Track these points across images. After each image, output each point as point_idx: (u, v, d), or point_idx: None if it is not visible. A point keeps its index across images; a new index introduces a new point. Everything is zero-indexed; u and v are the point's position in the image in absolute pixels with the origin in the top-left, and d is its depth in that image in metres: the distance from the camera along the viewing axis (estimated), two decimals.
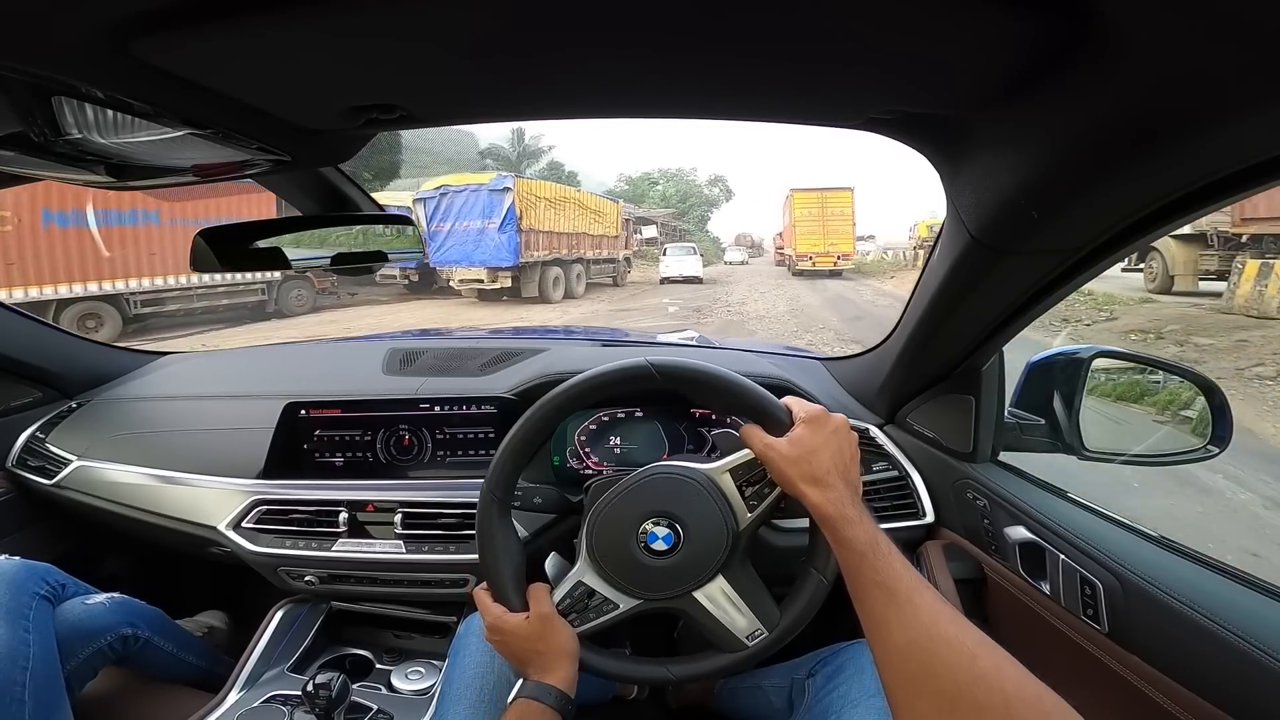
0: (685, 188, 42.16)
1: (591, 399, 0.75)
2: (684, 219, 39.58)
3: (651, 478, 0.74)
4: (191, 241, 0.78)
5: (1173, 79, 0.37)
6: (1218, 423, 0.82)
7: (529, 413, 0.75)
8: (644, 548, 0.72)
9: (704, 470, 0.73)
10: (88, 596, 0.99)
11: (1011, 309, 0.73)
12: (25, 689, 0.80)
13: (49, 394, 1.29)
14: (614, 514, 0.74)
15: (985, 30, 0.38)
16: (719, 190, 44.57)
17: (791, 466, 0.65)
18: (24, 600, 0.86)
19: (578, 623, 0.73)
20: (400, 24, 0.39)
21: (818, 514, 0.63)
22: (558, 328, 7.76)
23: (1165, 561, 0.67)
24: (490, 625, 0.73)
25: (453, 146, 38.76)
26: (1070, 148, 0.47)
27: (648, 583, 0.73)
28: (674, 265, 18.64)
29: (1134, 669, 0.64)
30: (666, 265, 18.83)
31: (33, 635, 0.84)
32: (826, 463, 0.65)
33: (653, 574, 0.72)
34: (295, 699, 0.90)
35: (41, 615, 0.87)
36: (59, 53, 0.39)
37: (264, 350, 1.67)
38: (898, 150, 0.83)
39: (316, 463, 1.10)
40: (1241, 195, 0.45)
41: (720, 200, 44.53)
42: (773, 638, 0.73)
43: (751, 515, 0.72)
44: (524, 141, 31.15)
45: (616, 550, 0.73)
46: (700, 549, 0.72)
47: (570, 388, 0.74)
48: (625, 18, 0.39)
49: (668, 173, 43.82)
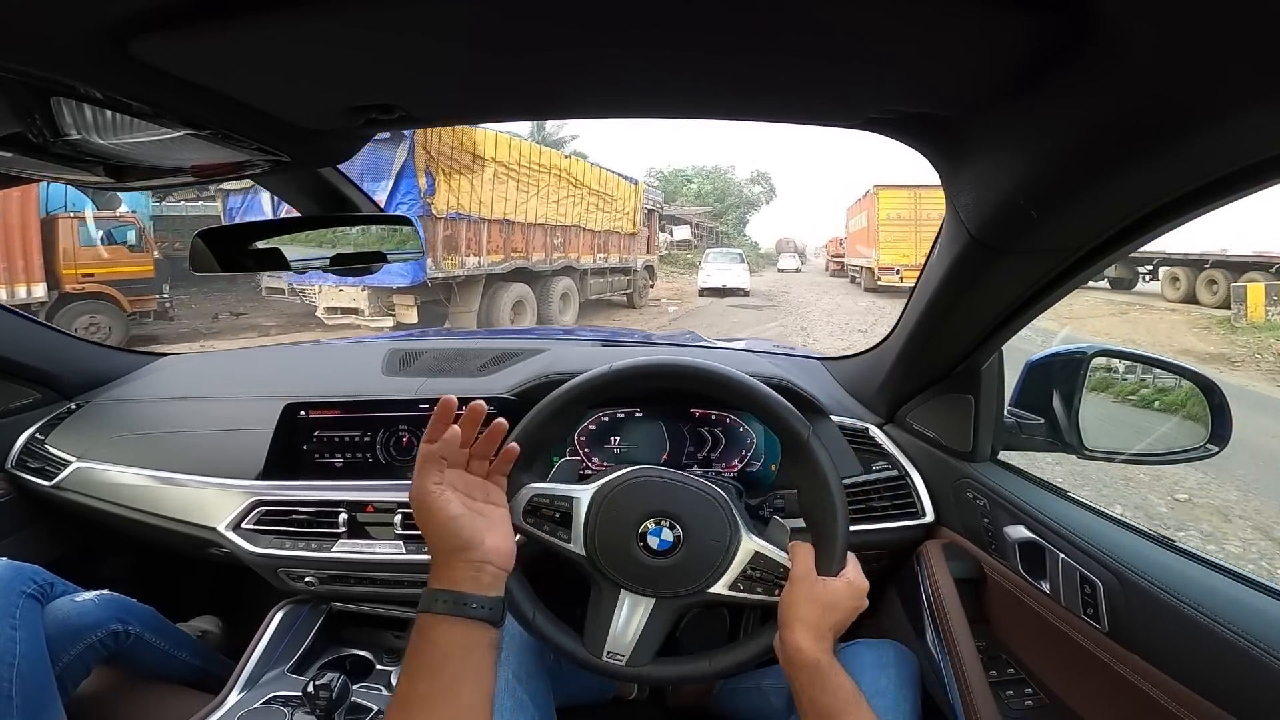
0: (723, 185, 37.60)
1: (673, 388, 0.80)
2: (721, 219, 35.54)
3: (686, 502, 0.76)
4: (191, 242, 0.78)
5: (1172, 78, 0.37)
6: (1217, 422, 0.82)
7: (609, 369, 0.79)
8: (644, 547, 0.73)
9: (739, 535, 0.75)
10: (76, 594, 0.99)
11: (1011, 309, 0.74)
12: (13, 685, 0.80)
13: (48, 395, 1.28)
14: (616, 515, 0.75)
15: (985, 30, 0.38)
16: (761, 189, 39.90)
17: (811, 607, 0.68)
18: (10, 599, 0.86)
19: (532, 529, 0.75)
20: (399, 24, 0.39)
21: (800, 658, 0.66)
22: (558, 328, 7.70)
23: (1165, 560, 0.67)
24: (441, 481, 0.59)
25: None
26: (1070, 147, 0.47)
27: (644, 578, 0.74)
28: (716, 275, 15.95)
29: (1134, 668, 0.64)
30: (707, 274, 16.16)
31: (19, 633, 0.84)
32: (836, 623, 0.69)
33: (652, 572, 0.73)
34: (295, 700, 0.90)
35: (29, 613, 0.87)
36: (58, 53, 0.39)
37: (263, 351, 1.67)
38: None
39: (316, 463, 1.10)
40: (1241, 195, 0.44)
41: (761, 201, 39.95)
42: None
43: (729, 590, 0.73)
44: (544, 130, 26.48)
45: (619, 548, 0.74)
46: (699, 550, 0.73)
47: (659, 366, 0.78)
48: (624, 17, 0.39)
49: (703, 170, 38.85)
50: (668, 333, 1.89)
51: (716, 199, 36.41)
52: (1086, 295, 12.72)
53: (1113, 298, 13.07)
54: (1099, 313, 10.95)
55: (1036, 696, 0.80)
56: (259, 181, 0.78)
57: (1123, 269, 13.78)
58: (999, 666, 0.84)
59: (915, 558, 1.01)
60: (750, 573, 0.73)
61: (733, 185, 38.16)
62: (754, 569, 0.73)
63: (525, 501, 0.75)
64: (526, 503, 0.75)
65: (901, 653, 0.87)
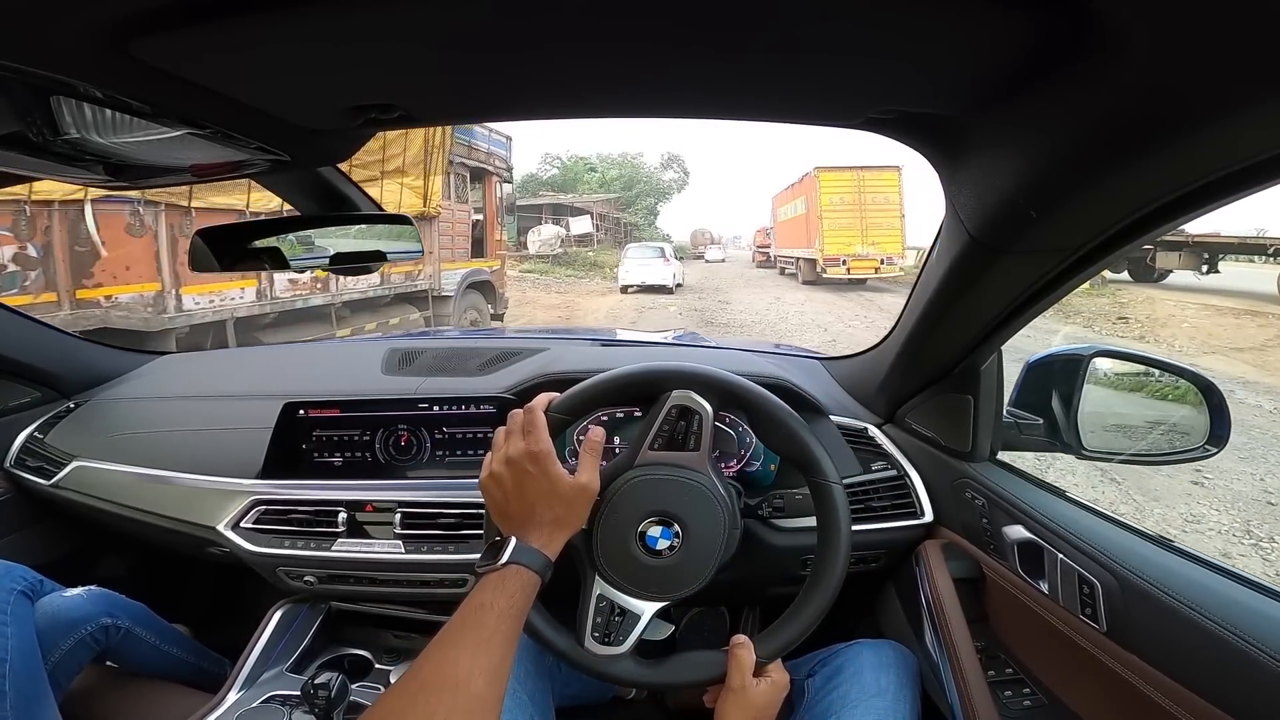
0: (631, 172, 34.48)
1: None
2: (630, 209, 32.62)
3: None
4: (190, 241, 0.78)
5: (1172, 78, 0.37)
6: (1216, 422, 0.82)
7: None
8: (644, 548, 0.73)
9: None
10: (65, 590, 0.99)
11: (1010, 308, 0.74)
12: (5, 681, 0.80)
13: (47, 394, 1.28)
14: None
15: (985, 30, 0.38)
16: (674, 175, 36.92)
17: (746, 713, 0.71)
18: (1, 596, 0.87)
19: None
20: (399, 24, 0.39)
21: None
22: (557, 328, 7.61)
23: (1164, 561, 0.67)
24: (529, 447, 0.65)
25: None
26: (1069, 147, 0.47)
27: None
28: (636, 271, 14.90)
29: (1133, 668, 0.64)
30: (627, 270, 15.15)
31: (11, 628, 0.84)
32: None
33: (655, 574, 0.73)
34: (294, 699, 0.90)
35: (20, 609, 0.88)
36: (58, 53, 0.39)
37: (262, 350, 1.67)
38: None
39: (315, 463, 1.10)
40: (1241, 195, 0.45)
41: (673, 189, 37.04)
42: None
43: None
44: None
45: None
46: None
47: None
48: (624, 17, 0.39)
49: (610, 158, 35.38)
50: (668, 332, 1.89)
51: (624, 186, 33.11)
52: (1166, 293, 11.04)
53: (1210, 301, 9.99)
54: (1191, 315, 8.98)
55: (1035, 696, 0.80)
56: (258, 181, 0.78)
57: (1181, 257, 11.96)
58: (998, 666, 0.84)
59: (914, 558, 1.01)
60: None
61: (642, 172, 35.11)
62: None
63: None
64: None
65: (901, 653, 0.87)
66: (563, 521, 0.66)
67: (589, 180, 32.86)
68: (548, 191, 29.91)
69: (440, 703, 0.52)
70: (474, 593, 0.62)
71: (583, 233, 23.65)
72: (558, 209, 24.60)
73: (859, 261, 14.74)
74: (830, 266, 14.92)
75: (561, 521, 0.66)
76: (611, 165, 34.72)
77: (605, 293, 15.15)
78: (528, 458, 0.65)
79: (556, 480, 0.65)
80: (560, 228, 22.10)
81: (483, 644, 0.57)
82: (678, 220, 56.52)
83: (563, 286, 15.20)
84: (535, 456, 0.65)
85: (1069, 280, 0.65)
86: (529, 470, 0.64)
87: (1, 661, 0.81)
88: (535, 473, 0.64)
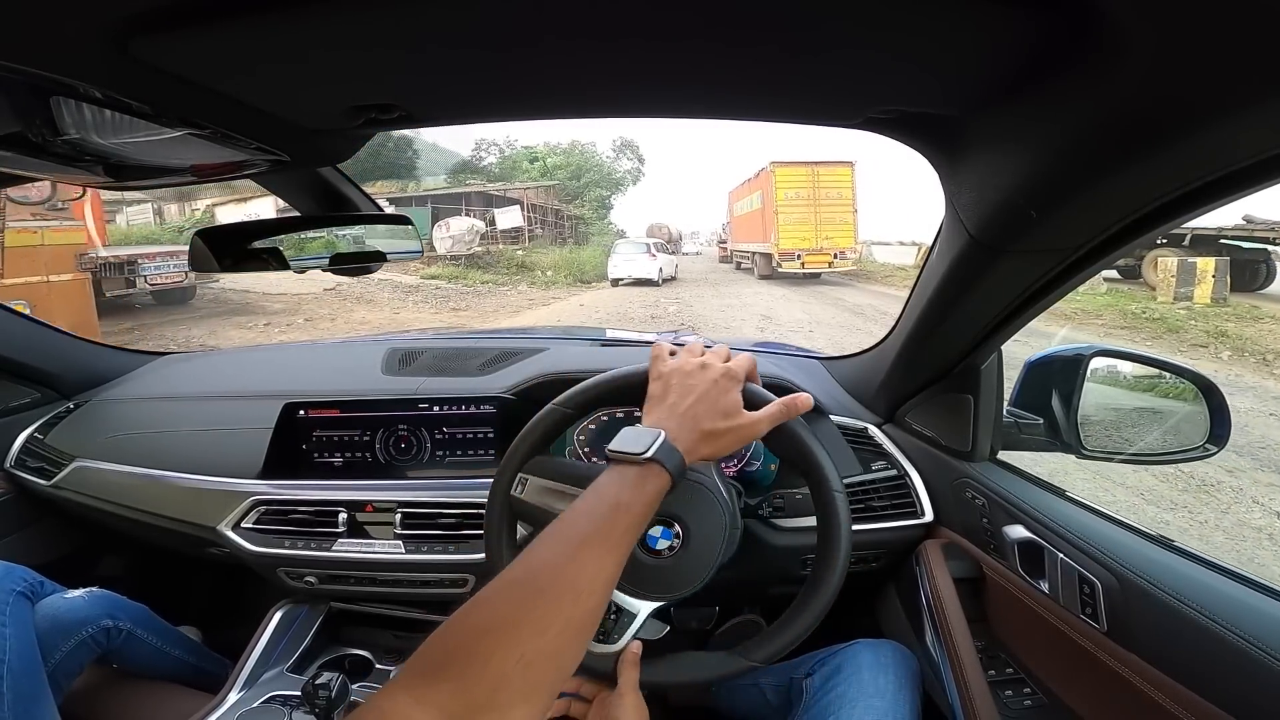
0: (580, 161, 30.66)
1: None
2: (577, 202, 28.27)
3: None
4: (190, 241, 0.78)
5: (1172, 78, 0.37)
6: (1216, 421, 0.83)
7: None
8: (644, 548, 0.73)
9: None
10: (66, 591, 0.99)
11: (1010, 308, 0.74)
12: (4, 682, 0.80)
13: (47, 394, 1.28)
14: None
15: (986, 29, 0.38)
16: (629, 163, 33.06)
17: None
18: (0, 597, 0.87)
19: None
20: (400, 24, 0.39)
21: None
22: (557, 327, 7.53)
23: (1164, 560, 0.67)
24: (731, 365, 0.66)
25: None
26: (1069, 147, 0.47)
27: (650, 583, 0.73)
28: (623, 265, 15.57)
29: (1133, 668, 0.64)
30: (614, 265, 15.81)
31: (10, 629, 0.84)
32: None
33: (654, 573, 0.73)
34: (295, 699, 0.90)
35: (19, 610, 0.88)
36: (58, 53, 0.39)
37: (262, 350, 1.67)
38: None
39: (315, 463, 1.10)
40: (1241, 194, 0.45)
41: (628, 181, 33.15)
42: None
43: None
44: None
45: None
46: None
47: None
48: (624, 17, 0.39)
49: (558, 148, 31.52)
50: (668, 332, 1.89)
51: (571, 176, 29.25)
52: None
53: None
54: None
55: (1035, 696, 0.80)
56: (258, 181, 0.78)
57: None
58: (998, 666, 0.84)
59: (914, 557, 1.01)
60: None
61: (592, 160, 31.36)
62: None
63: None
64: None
65: (901, 652, 0.87)
66: (714, 440, 0.62)
67: (530, 170, 29.60)
68: (476, 180, 26.12)
69: (558, 613, 0.45)
70: (606, 486, 0.55)
71: (510, 226, 19.61)
72: (487, 200, 20.69)
73: (813, 256, 15.08)
74: (785, 261, 15.17)
75: (713, 439, 0.62)
76: (558, 154, 31.06)
77: (529, 306, 10.65)
78: (724, 371, 0.65)
79: (735, 403, 0.63)
80: (476, 219, 18.13)
81: (610, 549, 0.50)
82: (633, 215, 51.83)
83: (465, 301, 10.83)
84: (732, 373, 0.65)
85: (1069, 280, 0.65)
86: (717, 380, 0.64)
87: (0, 664, 0.81)
88: (724, 384, 0.64)
